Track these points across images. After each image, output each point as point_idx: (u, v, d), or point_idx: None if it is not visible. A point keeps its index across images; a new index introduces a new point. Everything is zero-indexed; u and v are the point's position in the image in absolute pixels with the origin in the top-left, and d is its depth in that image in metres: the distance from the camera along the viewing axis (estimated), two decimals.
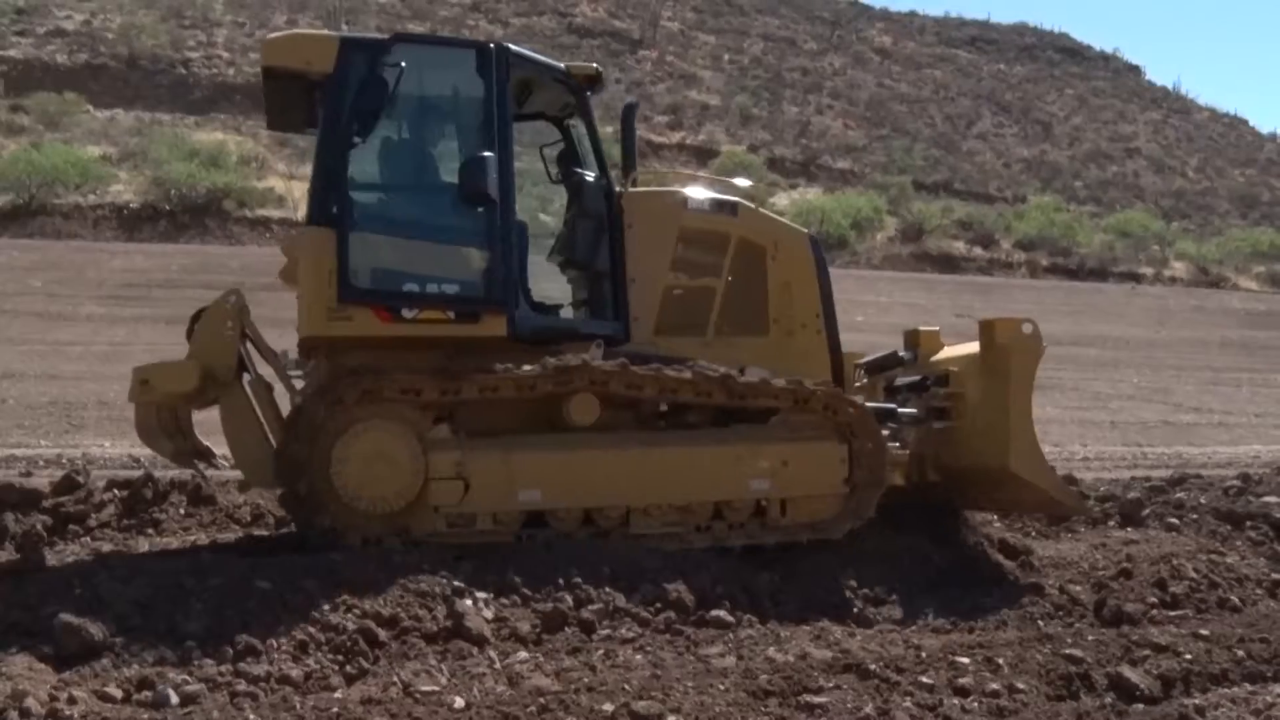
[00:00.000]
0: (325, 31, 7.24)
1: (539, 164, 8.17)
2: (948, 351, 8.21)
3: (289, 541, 7.23)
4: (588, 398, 6.81)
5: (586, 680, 4.93)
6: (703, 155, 40.62)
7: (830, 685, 4.88)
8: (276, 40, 7.16)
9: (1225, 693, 5.27)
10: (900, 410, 7.80)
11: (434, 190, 7.29)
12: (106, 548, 7.30)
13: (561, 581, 5.94)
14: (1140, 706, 5.07)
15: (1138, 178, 57.32)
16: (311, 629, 5.30)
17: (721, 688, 4.81)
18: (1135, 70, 77.42)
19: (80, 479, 8.14)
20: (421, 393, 6.62)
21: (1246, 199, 57.49)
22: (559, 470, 6.76)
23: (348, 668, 5.05)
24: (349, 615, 5.42)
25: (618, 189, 7.50)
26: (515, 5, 55.84)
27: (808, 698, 4.73)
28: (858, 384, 8.19)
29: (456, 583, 5.84)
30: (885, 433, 7.47)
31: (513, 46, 7.25)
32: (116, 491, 8.21)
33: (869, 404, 7.55)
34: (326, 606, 5.46)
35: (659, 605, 5.92)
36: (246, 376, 7.11)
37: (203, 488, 8.45)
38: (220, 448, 7.53)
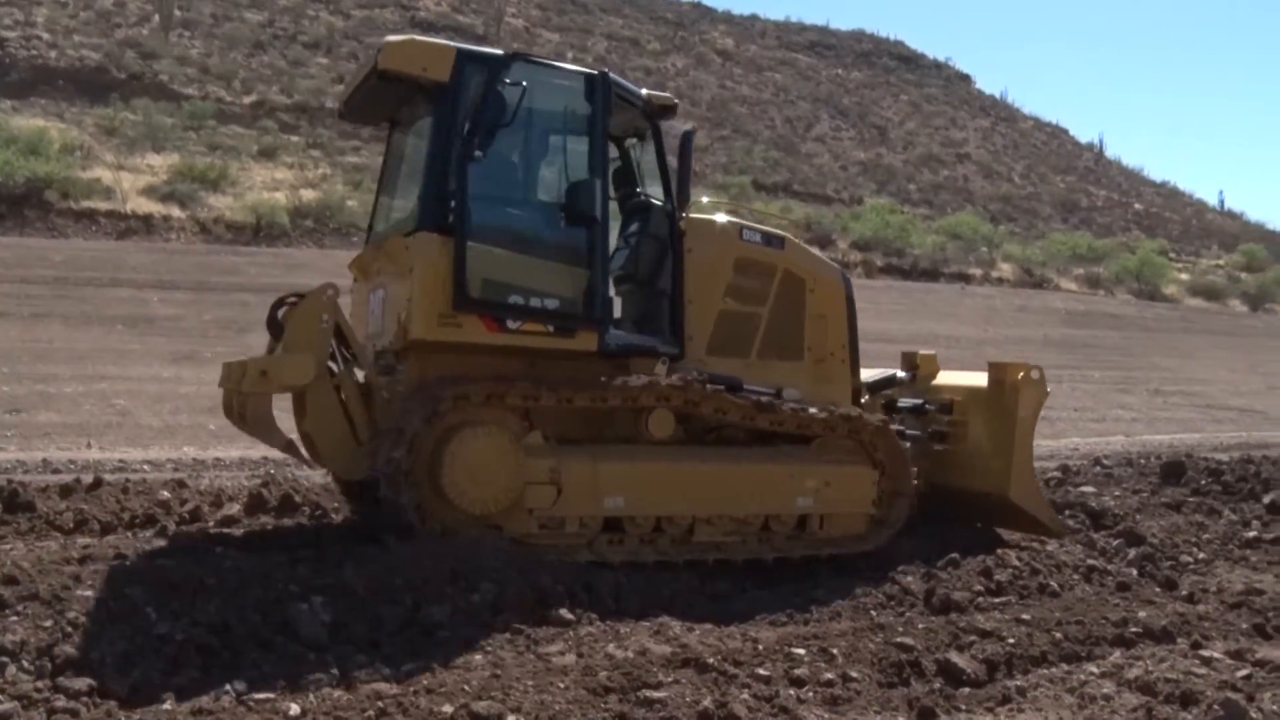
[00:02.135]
0: (442, 41, 7.33)
1: None
2: (946, 378, 9.06)
3: (113, 549, 6.94)
4: (665, 414, 7.30)
5: (425, 682, 4.87)
6: None
7: (669, 680, 4.93)
8: (396, 45, 7.14)
9: (1044, 673, 5.52)
10: (908, 432, 8.33)
11: (540, 207, 7.56)
12: None
13: (400, 582, 5.85)
14: (967, 690, 5.26)
15: (967, 182, 59.62)
16: (138, 639, 5.07)
17: (561, 686, 4.81)
18: (965, 79, 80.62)
19: None
20: (540, 399, 6.95)
21: (1067, 204, 60.45)
22: (641, 479, 7.17)
23: (177, 678, 4.86)
24: (178, 624, 5.21)
25: (680, 215, 7.74)
26: None
27: (647, 693, 4.76)
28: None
29: (292, 586, 5.69)
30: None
31: (613, 75, 7.57)
32: None
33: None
34: (154, 615, 5.25)
35: (499, 605, 5.88)
36: (332, 369, 7.21)
37: (20, 493, 8.05)
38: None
